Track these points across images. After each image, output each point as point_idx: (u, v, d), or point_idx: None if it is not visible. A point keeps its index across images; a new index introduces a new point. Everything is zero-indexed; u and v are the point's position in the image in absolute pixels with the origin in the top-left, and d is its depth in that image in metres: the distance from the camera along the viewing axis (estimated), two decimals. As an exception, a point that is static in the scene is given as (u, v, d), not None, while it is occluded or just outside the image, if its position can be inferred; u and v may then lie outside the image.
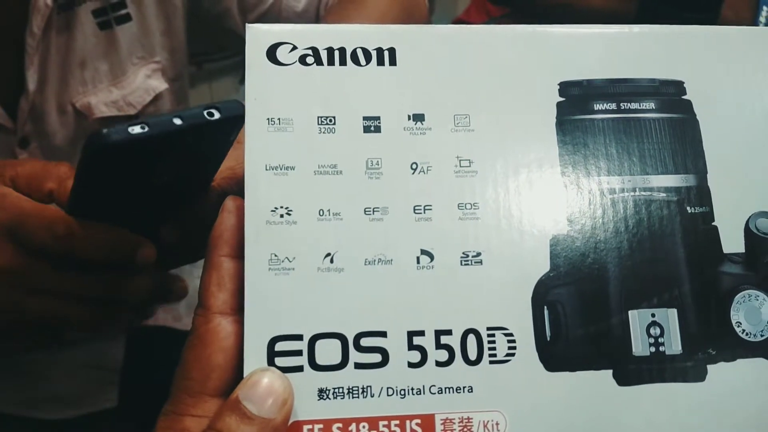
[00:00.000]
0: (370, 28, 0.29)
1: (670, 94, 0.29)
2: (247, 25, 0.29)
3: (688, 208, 0.28)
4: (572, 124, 0.29)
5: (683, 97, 0.29)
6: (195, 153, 0.33)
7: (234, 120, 0.30)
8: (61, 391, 0.57)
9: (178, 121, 0.30)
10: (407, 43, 0.29)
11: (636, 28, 0.30)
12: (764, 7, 0.55)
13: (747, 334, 0.27)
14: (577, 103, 0.29)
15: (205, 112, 0.30)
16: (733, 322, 0.27)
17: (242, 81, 0.29)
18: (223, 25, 0.62)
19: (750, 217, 0.28)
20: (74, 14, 0.52)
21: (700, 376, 0.26)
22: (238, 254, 0.26)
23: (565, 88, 0.29)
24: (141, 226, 0.37)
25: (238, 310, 0.26)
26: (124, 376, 0.64)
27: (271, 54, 0.28)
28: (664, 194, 0.28)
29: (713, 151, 0.29)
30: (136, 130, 0.29)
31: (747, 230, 0.28)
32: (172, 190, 0.36)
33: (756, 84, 0.30)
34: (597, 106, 0.29)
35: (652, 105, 0.29)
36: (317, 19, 0.62)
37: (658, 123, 0.29)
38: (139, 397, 0.62)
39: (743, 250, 0.28)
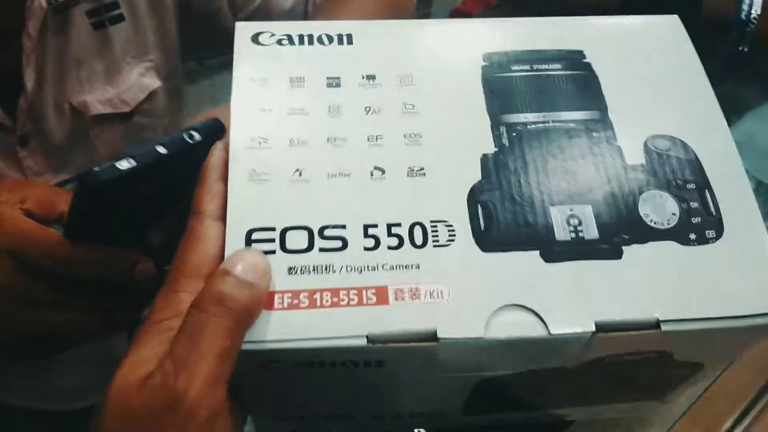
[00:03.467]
0: (332, 23, 0.37)
1: (573, 59, 0.37)
2: (237, 23, 0.37)
3: (594, 133, 0.34)
4: (494, 79, 0.36)
5: (584, 60, 0.37)
6: (178, 169, 0.36)
7: (213, 137, 0.34)
8: (67, 384, 0.57)
9: (162, 150, 0.34)
10: (362, 31, 0.37)
11: (549, 20, 0.38)
12: (746, -1, 0.59)
13: (655, 223, 0.32)
14: (498, 65, 0.36)
15: (185, 136, 0.34)
16: (642, 214, 0.32)
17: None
18: (216, 23, 0.64)
19: (647, 138, 0.34)
20: (69, 15, 0.53)
21: (616, 255, 0.31)
22: (226, 179, 0.32)
23: (488, 56, 0.36)
24: (131, 235, 0.40)
25: (224, 218, 0.31)
26: None
27: (255, 38, 0.36)
28: (573, 124, 0.34)
29: (611, 100, 0.35)
30: (124, 165, 0.32)
31: (646, 148, 0.34)
32: (158, 201, 0.39)
33: (640, 53, 0.37)
34: (514, 67, 0.36)
35: (558, 66, 0.36)
36: (305, 17, 0.65)
37: (564, 78, 0.36)
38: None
39: (644, 163, 0.33)
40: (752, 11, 0.60)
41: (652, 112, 0.35)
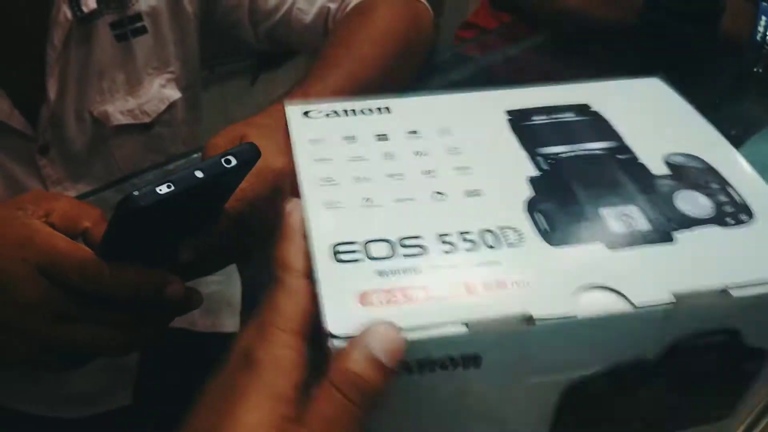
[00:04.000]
0: (371, 101, 0.42)
1: (582, 109, 0.42)
2: (286, 105, 0.41)
3: (618, 155, 0.38)
4: (521, 127, 0.40)
5: (591, 109, 0.42)
6: (212, 192, 0.37)
7: (249, 162, 0.35)
8: (79, 392, 0.54)
9: (199, 174, 0.34)
10: (398, 102, 0.42)
11: (560, 87, 0.44)
12: (763, 18, 0.62)
13: (696, 214, 0.35)
14: (521, 116, 0.41)
15: (222, 161, 0.35)
16: (681, 209, 0.35)
17: (253, 83, 0.38)
18: (234, 35, 0.64)
19: (668, 155, 0.39)
20: (93, 27, 0.54)
21: (668, 239, 0.34)
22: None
23: (510, 112, 0.42)
24: (163, 253, 0.41)
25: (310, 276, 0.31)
26: (139, 375, 0.63)
27: (305, 113, 0.41)
28: (599, 151, 0.39)
29: (622, 134, 0.40)
30: (163, 190, 0.33)
31: (667, 163, 0.38)
32: (191, 221, 0.40)
33: (637, 102, 0.43)
34: (534, 117, 0.41)
35: (572, 114, 0.42)
36: (325, 32, 0.64)
37: (579, 121, 0.41)
38: (153, 395, 0.62)
39: (668, 173, 0.37)
40: None
41: (661, 140, 0.40)
